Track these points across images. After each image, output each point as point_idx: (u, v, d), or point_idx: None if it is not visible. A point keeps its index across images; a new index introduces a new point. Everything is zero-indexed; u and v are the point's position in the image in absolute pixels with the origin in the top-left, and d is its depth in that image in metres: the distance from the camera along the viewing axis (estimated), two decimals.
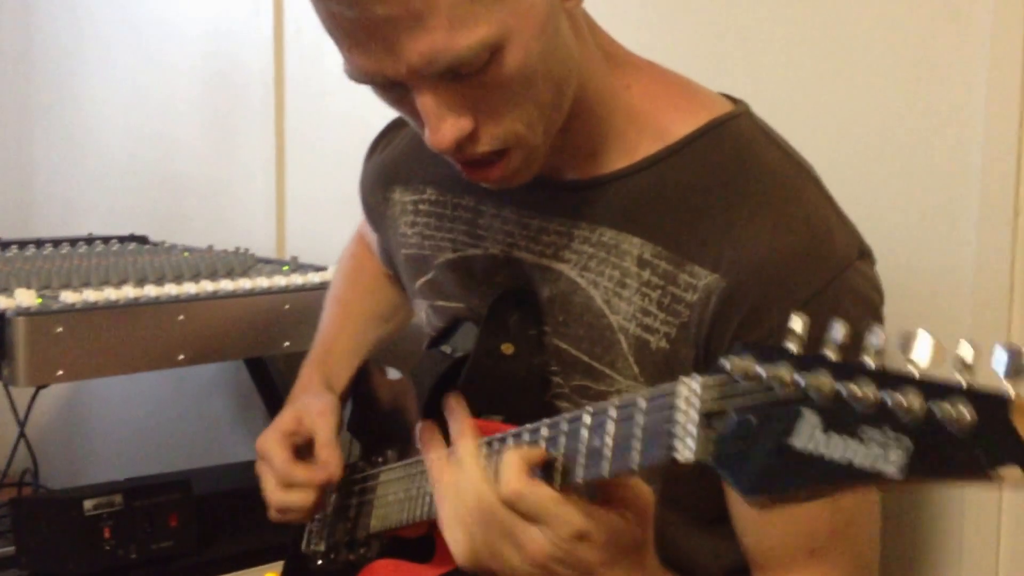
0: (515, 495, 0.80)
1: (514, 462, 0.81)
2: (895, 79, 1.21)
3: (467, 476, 0.84)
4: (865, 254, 0.95)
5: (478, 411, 0.93)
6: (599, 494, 0.82)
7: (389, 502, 1.10)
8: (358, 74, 0.88)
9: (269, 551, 1.53)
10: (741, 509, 0.95)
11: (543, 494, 0.79)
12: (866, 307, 0.92)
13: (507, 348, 1.01)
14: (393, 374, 1.28)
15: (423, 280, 1.15)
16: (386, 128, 1.25)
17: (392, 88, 0.88)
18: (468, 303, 1.09)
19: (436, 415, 1.04)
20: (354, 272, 1.39)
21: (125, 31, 2.42)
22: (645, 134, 0.98)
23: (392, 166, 1.20)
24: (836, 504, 0.91)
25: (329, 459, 1.14)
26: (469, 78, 0.85)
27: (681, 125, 0.98)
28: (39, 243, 2.00)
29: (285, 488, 1.16)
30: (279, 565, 1.36)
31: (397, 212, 1.18)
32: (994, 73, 1.12)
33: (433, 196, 1.13)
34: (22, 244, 1.99)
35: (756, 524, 0.95)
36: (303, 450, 1.19)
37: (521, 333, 1.01)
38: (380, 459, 1.17)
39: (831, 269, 0.90)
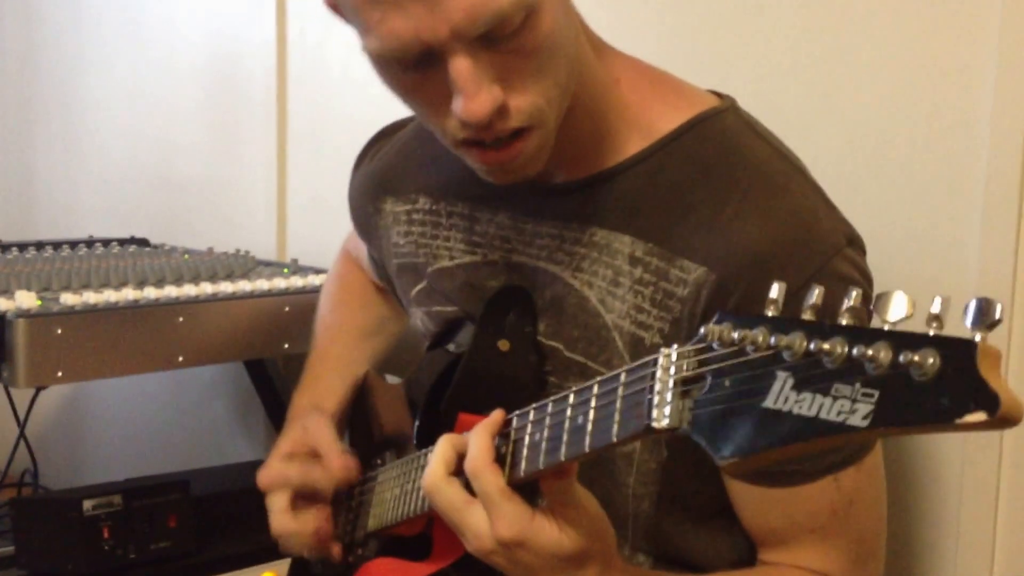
0: (472, 472, 0.84)
1: (481, 440, 0.85)
2: (902, 82, 1.22)
3: (438, 448, 0.88)
4: (853, 241, 0.95)
5: (475, 407, 0.94)
6: (548, 503, 0.84)
7: (385, 499, 1.12)
8: (390, 43, 0.85)
9: (267, 551, 1.53)
10: (742, 492, 0.97)
11: (493, 482, 0.83)
12: None
13: (503, 345, 1.02)
14: (391, 380, 1.29)
15: (418, 288, 1.15)
16: (373, 138, 1.25)
17: (416, 66, 0.87)
18: (466, 308, 1.10)
19: (436, 413, 1.05)
20: (338, 292, 1.40)
21: (126, 34, 2.43)
22: (634, 131, 0.99)
23: (382, 176, 1.20)
24: (837, 484, 0.93)
25: (342, 461, 1.15)
26: (503, 43, 0.85)
27: (668, 120, 0.99)
28: (39, 245, 2.00)
29: (307, 505, 1.17)
30: (276, 565, 1.37)
31: (389, 222, 1.18)
32: (1001, 76, 1.12)
33: (426, 205, 1.14)
34: (22, 246, 1.98)
35: (758, 505, 0.96)
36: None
37: (517, 330, 1.02)
38: (379, 461, 1.18)
39: (819, 257, 0.91)
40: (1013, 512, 1.17)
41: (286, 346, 1.65)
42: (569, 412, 0.79)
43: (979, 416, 0.52)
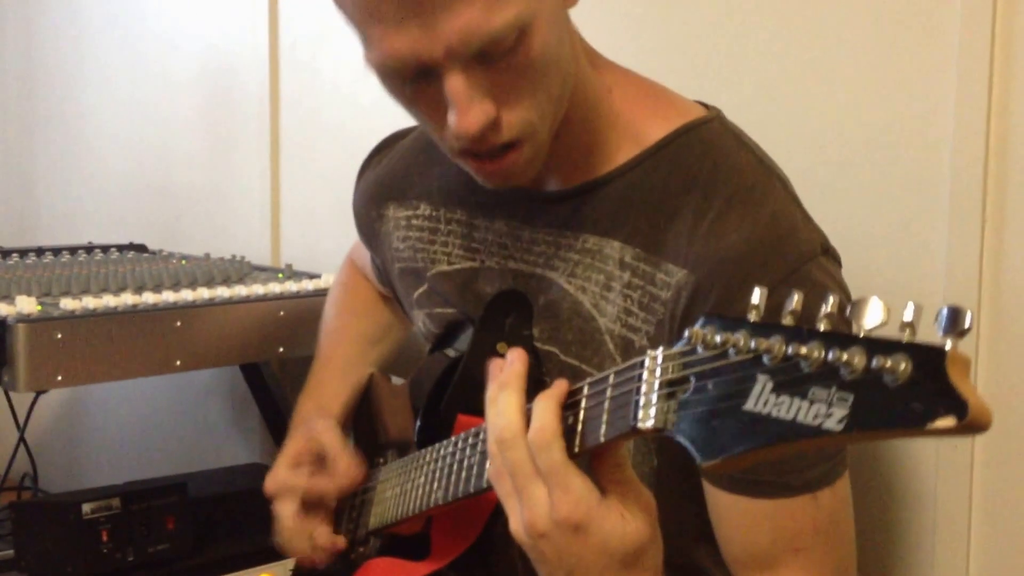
0: (539, 443, 0.76)
1: (549, 406, 0.78)
2: (866, 91, 1.24)
3: (515, 402, 0.81)
4: (828, 252, 0.97)
5: (474, 409, 0.94)
6: (606, 483, 0.79)
7: (387, 498, 1.12)
8: (389, 60, 0.88)
9: (264, 553, 1.54)
10: (726, 508, 0.96)
11: (559, 453, 0.76)
12: None
13: (502, 347, 1.02)
14: (396, 381, 1.30)
15: (419, 291, 1.17)
16: (377, 147, 1.27)
17: (415, 79, 0.89)
18: (465, 311, 1.11)
19: (436, 414, 1.06)
20: (342, 299, 1.41)
21: (124, 46, 2.44)
22: (624, 139, 1.01)
23: (386, 183, 1.21)
24: (817, 503, 0.93)
25: (348, 466, 1.16)
26: (496, 62, 0.87)
27: (657, 129, 1.01)
28: (40, 251, 2.02)
29: (312, 512, 1.18)
30: (274, 566, 1.38)
31: (391, 228, 1.20)
32: (962, 84, 1.15)
33: (427, 211, 1.15)
34: (23, 252, 2.00)
35: (741, 520, 0.95)
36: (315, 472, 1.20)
37: (516, 333, 1.03)
38: (381, 460, 1.19)
39: (793, 262, 0.92)
40: (986, 516, 1.18)
41: (281, 350, 1.66)
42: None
43: (948, 421, 0.52)
